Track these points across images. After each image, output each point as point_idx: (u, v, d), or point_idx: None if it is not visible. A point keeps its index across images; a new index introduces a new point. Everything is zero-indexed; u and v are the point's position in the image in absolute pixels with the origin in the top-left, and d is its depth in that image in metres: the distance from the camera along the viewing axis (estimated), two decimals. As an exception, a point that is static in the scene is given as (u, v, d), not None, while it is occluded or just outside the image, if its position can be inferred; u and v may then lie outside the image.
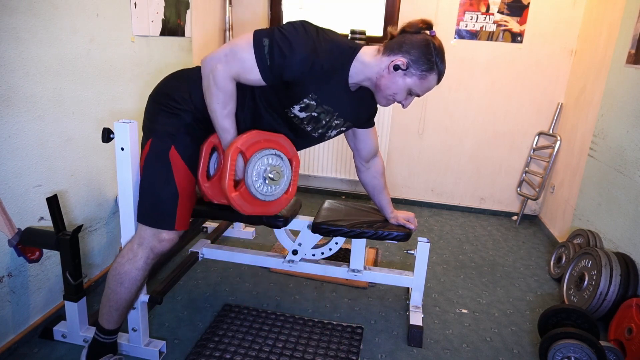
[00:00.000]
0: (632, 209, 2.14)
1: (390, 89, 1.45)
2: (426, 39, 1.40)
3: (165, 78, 1.59)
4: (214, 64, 1.38)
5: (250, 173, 1.47)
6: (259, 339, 1.85)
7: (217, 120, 1.44)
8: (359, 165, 1.87)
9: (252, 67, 1.37)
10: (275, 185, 1.53)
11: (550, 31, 3.08)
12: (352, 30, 3.34)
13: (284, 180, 1.55)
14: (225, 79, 1.38)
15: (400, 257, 2.71)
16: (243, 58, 1.36)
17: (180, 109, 1.48)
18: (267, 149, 1.49)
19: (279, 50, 1.34)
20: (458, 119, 3.37)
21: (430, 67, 1.41)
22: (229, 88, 1.40)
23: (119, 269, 1.50)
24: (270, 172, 1.50)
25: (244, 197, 1.49)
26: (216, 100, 1.41)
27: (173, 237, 1.51)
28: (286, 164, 1.55)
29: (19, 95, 1.59)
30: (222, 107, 1.42)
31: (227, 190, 1.45)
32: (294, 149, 1.59)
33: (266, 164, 1.50)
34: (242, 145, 1.44)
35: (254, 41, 1.35)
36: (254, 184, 1.48)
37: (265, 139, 1.51)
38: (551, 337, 1.75)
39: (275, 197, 1.56)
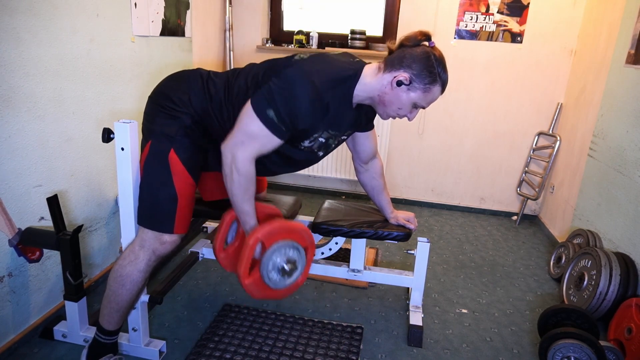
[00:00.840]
0: (632, 209, 2.14)
1: (395, 104, 1.44)
2: (426, 52, 1.39)
3: (164, 79, 1.59)
4: (233, 152, 1.39)
5: (266, 264, 1.47)
6: (259, 339, 1.85)
7: (238, 204, 1.46)
8: (357, 166, 1.87)
9: (270, 140, 1.39)
10: (288, 277, 1.54)
11: (550, 31, 3.08)
12: (352, 30, 3.34)
13: (297, 272, 1.56)
14: (246, 162, 1.40)
15: (400, 257, 2.71)
16: (258, 136, 1.38)
17: (179, 111, 1.48)
18: (286, 241, 1.50)
19: (287, 115, 1.35)
20: (458, 119, 3.37)
21: (434, 79, 1.40)
22: (251, 171, 1.42)
23: (121, 271, 1.50)
24: (286, 265, 1.51)
25: (256, 284, 1.50)
26: (238, 186, 1.42)
27: (175, 240, 1.51)
28: (302, 256, 1.56)
29: (19, 95, 1.60)
30: (244, 192, 1.44)
31: (242, 276, 1.46)
32: (311, 238, 1.60)
33: (284, 255, 1.50)
34: (263, 237, 1.46)
35: (259, 117, 1.35)
36: (268, 275, 1.49)
37: (286, 230, 1.52)
38: (551, 337, 1.75)
39: (286, 287, 1.56)
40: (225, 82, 1.53)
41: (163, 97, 1.51)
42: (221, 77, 1.55)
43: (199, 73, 1.55)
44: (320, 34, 3.40)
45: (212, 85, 1.52)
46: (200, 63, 2.99)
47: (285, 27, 3.57)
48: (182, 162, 1.46)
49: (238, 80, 1.51)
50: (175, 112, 1.48)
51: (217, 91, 1.51)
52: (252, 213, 1.49)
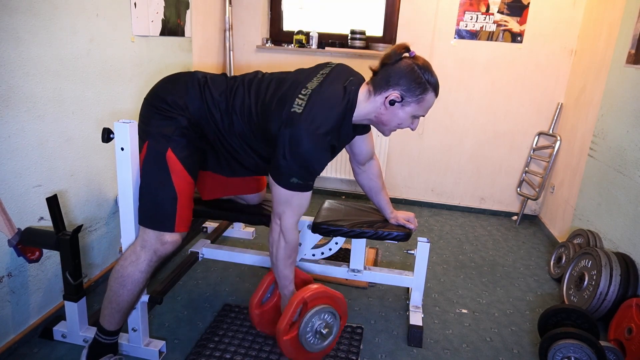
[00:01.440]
0: (632, 209, 2.14)
1: (394, 121, 1.49)
2: (409, 65, 1.41)
3: (160, 81, 1.59)
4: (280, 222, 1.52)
5: (306, 324, 1.55)
6: (259, 338, 1.85)
7: (280, 269, 1.59)
8: (355, 168, 1.88)
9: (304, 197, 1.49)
10: (322, 341, 1.61)
11: (550, 31, 3.08)
12: (352, 30, 3.34)
13: (330, 338, 1.63)
14: (291, 230, 1.53)
15: (400, 257, 2.71)
16: (293, 201, 1.48)
17: (175, 112, 1.48)
18: (326, 306, 1.58)
19: (307, 173, 1.44)
20: (458, 119, 3.37)
21: (424, 88, 1.42)
22: (295, 239, 1.56)
23: (122, 271, 1.50)
24: (324, 329, 1.59)
25: (292, 342, 1.56)
26: (283, 252, 1.56)
27: (176, 240, 1.51)
28: (337, 324, 1.64)
29: (19, 95, 1.59)
30: (287, 258, 1.57)
31: (282, 332, 1.54)
32: (345, 307, 1.69)
33: (322, 319, 1.58)
34: (308, 298, 1.56)
35: (288, 188, 1.45)
36: (306, 335, 1.56)
37: (328, 296, 1.62)
38: (551, 337, 1.75)
39: (318, 350, 1.63)
40: (224, 91, 1.53)
41: (158, 100, 1.51)
42: (218, 85, 1.55)
43: (195, 77, 1.55)
44: (320, 34, 3.39)
45: (209, 93, 1.52)
46: (200, 63, 2.99)
47: (285, 27, 3.57)
48: (180, 160, 1.47)
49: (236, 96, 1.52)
50: (170, 113, 1.48)
51: (214, 99, 1.52)
52: (291, 279, 1.62)
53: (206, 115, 1.51)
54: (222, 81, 1.57)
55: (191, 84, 1.53)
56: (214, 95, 1.52)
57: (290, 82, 1.50)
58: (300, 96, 1.43)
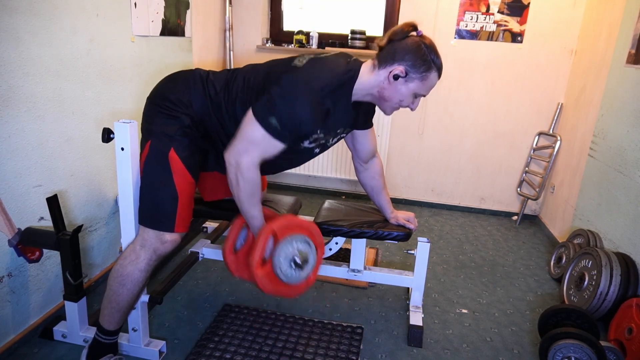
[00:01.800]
0: (632, 209, 2.14)
1: (396, 97, 1.47)
2: (416, 41, 1.41)
3: (162, 80, 1.59)
4: (237, 159, 1.41)
5: (279, 254, 1.51)
6: (259, 339, 1.85)
7: (245, 208, 1.50)
8: (357, 165, 1.87)
9: (273, 145, 1.41)
10: (299, 270, 1.56)
11: (550, 31, 3.08)
12: (352, 30, 3.34)
13: (308, 266, 1.58)
14: (251, 169, 1.42)
15: (400, 257, 2.71)
16: (261, 143, 1.40)
17: (178, 111, 1.48)
18: (298, 235, 1.54)
19: (289, 121, 1.37)
20: (458, 119, 3.36)
21: (428, 66, 1.42)
22: (256, 177, 1.44)
23: (121, 270, 1.50)
24: (298, 257, 1.54)
25: (268, 276, 1.53)
26: (244, 193, 1.45)
27: (175, 239, 1.51)
28: (313, 252, 1.59)
29: (19, 95, 1.59)
30: (250, 197, 1.47)
31: (255, 266, 1.49)
32: (321, 237, 1.63)
33: (295, 248, 1.54)
34: (277, 228, 1.50)
35: (262, 125, 1.37)
36: (281, 266, 1.52)
37: (298, 225, 1.57)
38: (551, 337, 1.75)
39: (297, 281, 1.58)
40: (225, 83, 1.53)
41: (161, 98, 1.51)
42: (220, 78, 1.55)
43: (198, 74, 1.55)
44: (320, 34, 3.39)
45: (212, 87, 1.52)
46: (200, 63, 2.99)
47: (285, 27, 3.57)
48: (182, 160, 1.47)
49: (237, 81, 1.52)
50: (174, 112, 1.48)
51: (217, 93, 1.52)
52: (259, 217, 1.53)
53: (209, 110, 1.51)
54: (224, 74, 1.57)
55: (193, 80, 1.52)
56: (216, 88, 1.52)
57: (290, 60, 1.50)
58: (300, 58, 1.45)
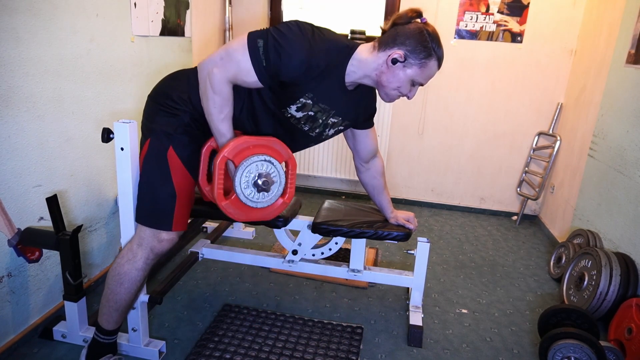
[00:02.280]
0: (632, 209, 2.14)
1: (393, 82, 1.44)
2: (419, 27, 1.39)
3: (164, 78, 1.58)
4: (210, 68, 1.37)
5: (239, 181, 1.44)
6: (259, 339, 1.85)
7: (214, 123, 1.43)
8: (358, 165, 1.87)
9: (248, 69, 1.36)
10: (266, 192, 1.50)
11: (550, 31, 3.08)
12: (352, 30, 3.34)
13: (276, 185, 1.51)
14: (222, 82, 1.37)
15: (400, 257, 2.71)
16: (238, 60, 1.35)
17: (179, 109, 1.48)
18: (256, 155, 1.45)
19: (274, 50, 1.33)
20: (458, 119, 3.36)
21: (429, 53, 1.39)
22: (226, 91, 1.39)
23: (119, 269, 1.50)
24: (260, 179, 1.47)
25: (235, 205, 1.47)
26: (212, 104, 1.39)
27: (172, 237, 1.51)
28: (279, 169, 1.51)
29: (19, 95, 1.59)
30: (219, 111, 1.41)
31: (217, 199, 1.44)
32: (288, 152, 1.54)
33: (255, 170, 1.46)
34: (229, 153, 1.42)
35: (248, 43, 1.34)
36: (244, 192, 1.46)
37: (255, 145, 1.46)
38: (551, 337, 1.75)
39: (269, 203, 1.52)
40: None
41: (163, 96, 1.50)
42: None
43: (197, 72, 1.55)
44: (320, 34, 3.39)
45: None
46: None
47: (285, 27, 3.56)
48: (181, 159, 1.46)
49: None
50: (175, 110, 1.48)
51: None
52: (228, 134, 1.44)
53: None
54: None
55: (193, 77, 1.51)
56: None
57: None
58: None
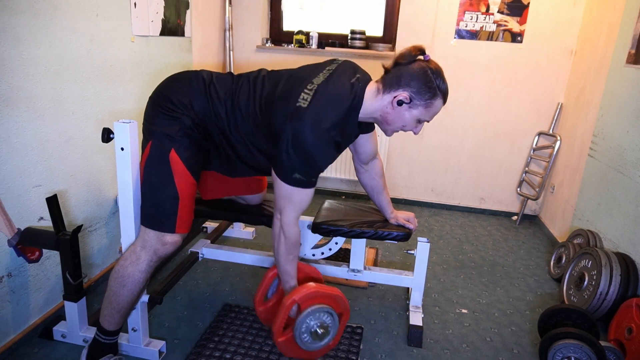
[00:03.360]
0: (632, 209, 2.14)
1: (398, 122, 1.47)
2: (422, 67, 1.40)
3: (165, 80, 1.58)
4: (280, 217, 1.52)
5: (300, 326, 1.54)
6: (259, 339, 1.85)
7: (281, 264, 1.59)
8: (357, 167, 1.87)
9: (307, 193, 1.49)
10: (319, 340, 1.60)
11: (550, 31, 3.08)
12: (352, 30, 3.34)
13: (328, 337, 1.61)
14: (290, 224, 1.52)
15: (400, 257, 2.71)
16: (294, 197, 1.48)
17: (179, 112, 1.48)
18: (321, 306, 1.56)
19: (311, 170, 1.44)
20: (458, 119, 3.36)
21: (434, 93, 1.41)
22: (295, 233, 1.55)
23: (122, 271, 1.50)
24: (319, 329, 1.57)
25: (288, 343, 1.57)
26: (284, 247, 1.55)
27: (177, 240, 1.51)
28: (336, 322, 1.61)
29: (19, 95, 1.59)
30: (288, 253, 1.57)
31: (276, 334, 1.55)
32: (346, 304, 1.66)
33: (317, 319, 1.57)
34: (300, 299, 1.54)
35: (289, 184, 1.44)
36: (301, 337, 1.56)
37: (323, 295, 1.59)
38: (551, 337, 1.75)
39: (318, 348, 1.62)
40: (230, 91, 1.53)
41: (163, 99, 1.50)
42: (224, 83, 1.54)
43: (201, 76, 1.55)
44: (320, 34, 3.39)
45: (215, 92, 1.51)
46: (200, 63, 2.99)
47: (285, 27, 3.56)
48: (183, 161, 1.46)
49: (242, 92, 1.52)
50: (175, 113, 1.48)
51: (220, 99, 1.51)
52: (293, 274, 1.61)
53: (211, 113, 1.51)
54: (228, 79, 1.56)
55: (196, 82, 1.52)
56: (219, 93, 1.51)
57: (295, 78, 1.49)
58: (305, 91, 1.42)
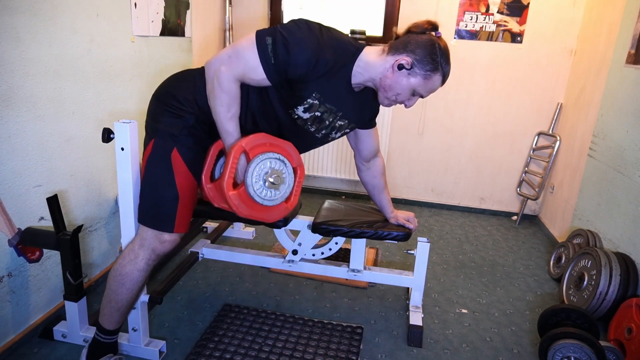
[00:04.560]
0: (632, 209, 2.14)
1: (394, 88, 1.44)
2: (431, 39, 1.40)
3: (169, 78, 1.58)
4: (217, 66, 1.37)
5: (251, 173, 1.44)
6: (259, 339, 1.85)
7: (221, 122, 1.43)
8: (359, 164, 1.87)
9: (256, 67, 1.36)
10: (275, 190, 1.50)
11: (550, 31, 3.08)
12: (352, 30, 3.33)
13: (284, 186, 1.52)
14: (230, 80, 1.37)
15: (400, 257, 2.71)
16: (247, 58, 1.35)
17: (184, 110, 1.47)
18: (271, 152, 1.47)
19: (283, 48, 1.33)
20: (458, 119, 3.37)
21: (435, 67, 1.40)
22: (233, 90, 1.39)
23: (120, 270, 1.50)
24: (271, 176, 1.48)
25: (241, 197, 1.46)
26: (220, 103, 1.40)
27: (174, 239, 1.51)
28: (289, 171, 1.53)
29: (19, 95, 1.59)
30: (227, 110, 1.41)
31: (226, 188, 1.43)
32: (299, 158, 1.56)
33: (268, 167, 1.47)
34: (247, 145, 1.43)
35: (256, 40, 1.34)
36: (253, 185, 1.46)
37: (271, 143, 1.49)
38: (551, 337, 1.75)
39: (274, 203, 1.53)
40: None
41: (168, 96, 1.49)
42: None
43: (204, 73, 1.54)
44: (320, 34, 3.39)
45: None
46: (200, 63, 2.97)
47: (285, 27, 3.56)
48: (185, 161, 1.46)
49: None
50: (180, 111, 1.47)
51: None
52: (235, 133, 1.45)
53: None
54: None
55: (200, 77, 1.50)
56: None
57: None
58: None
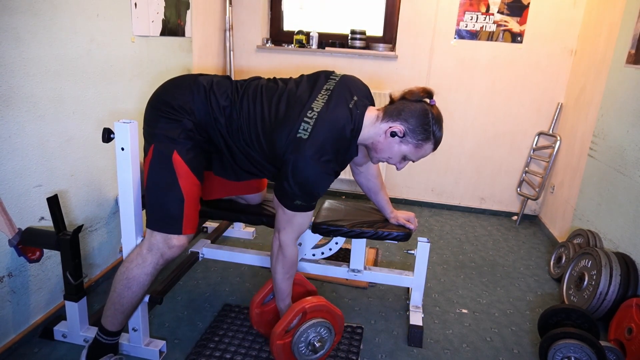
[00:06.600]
0: (632, 209, 2.14)
1: (386, 153, 1.50)
2: (425, 108, 1.44)
3: (164, 84, 1.57)
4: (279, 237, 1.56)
5: (301, 334, 1.57)
6: (259, 338, 1.85)
7: (278, 282, 1.63)
8: (353, 168, 1.88)
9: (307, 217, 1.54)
10: (313, 354, 1.63)
11: (550, 31, 3.08)
12: (352, 30, 3.34)
13: (322, 352, 1.64)
14: (290, 245, 1.56)
15: (400, 257, 2.71)
16: (294, 221, 1.52)
17: (182, 115, 1.48)
18: (324, 320, 1.60)
19: (311, 196, 1.47)
20: (458, 119, 3.37)
21: (427, 136, 1.45)
22: (293, 254, 1.58)
23: (128, 273, 1.50)
24: (317, 342, 1.61)
25: (284, 348, 1.59)
26: (281, 266, 1.59)
27: (183, 243, 1.52)
28: (331, 339, 1.65)
29: (19, 95, 1.59)
30: (285, 272, 1.60)
31: (276, 336, 1.57)
32: (343, 325, 1.71)
33: (317, 333, 1.60)
34: (309, 309, 1.60)
35: (290, 209, 1.48)
36: (299, 345, 1.59)
37: (328, 311, 1.64)
38: (551, 337, 1.75)
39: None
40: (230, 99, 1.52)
41: (164, 104, 1.50)
42: (223, 91, 1.52)
43: (200, 83, 1.53)
44: (320, 34, 3.39)
45: (215, 100, 1.50)
46: (200, 63, 2.99)
47: (285, 27, 3.57)
48: (186, 162, 1.47)
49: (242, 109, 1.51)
50: (176, 116, 1.48)
51: (220, 108, 1.51)
52: (288, 293, 1.65)
53: (212, 121, 1.51)
54: (227, 86, 1.54)
55: (197, 89, 1.51)
56: (219, 102, 1.50)
57: (295, 99, 1.48)
58: (306, 119, 1.42)
